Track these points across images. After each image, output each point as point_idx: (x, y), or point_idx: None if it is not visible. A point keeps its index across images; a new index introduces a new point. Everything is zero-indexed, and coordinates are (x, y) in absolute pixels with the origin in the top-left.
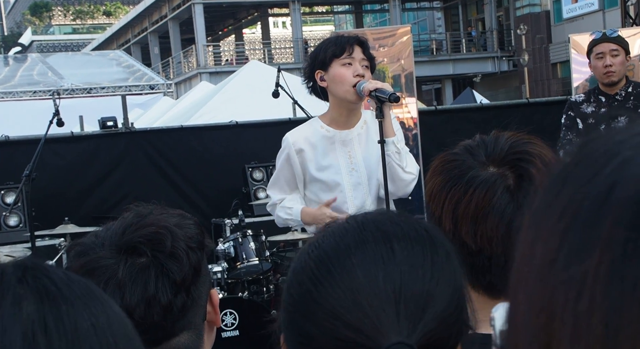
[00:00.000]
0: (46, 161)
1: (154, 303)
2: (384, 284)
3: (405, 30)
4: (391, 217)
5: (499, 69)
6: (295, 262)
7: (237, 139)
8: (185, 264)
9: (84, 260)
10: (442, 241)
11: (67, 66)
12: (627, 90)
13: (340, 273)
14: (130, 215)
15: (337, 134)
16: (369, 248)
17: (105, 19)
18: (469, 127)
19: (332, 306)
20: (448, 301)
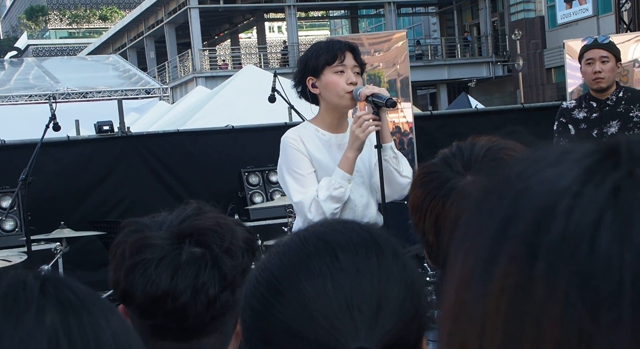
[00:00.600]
0: (42, 165)
1: (202, 292)
2: (334, 294)
3: (400, 36)
4: (332, 226)
5: (494, 74)
6: (246, 288)
7: (233, 143)
8: (239, 262)
9: (139, 236)
10: (386, 240)
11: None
12: (618, 95)
13: (289, 290)
14: (190, 207)
15: (332, 137)
16: (313, 261)
17: (101, 23)
18: (464, 132)
19: (287, 325)
20: (402, 300)
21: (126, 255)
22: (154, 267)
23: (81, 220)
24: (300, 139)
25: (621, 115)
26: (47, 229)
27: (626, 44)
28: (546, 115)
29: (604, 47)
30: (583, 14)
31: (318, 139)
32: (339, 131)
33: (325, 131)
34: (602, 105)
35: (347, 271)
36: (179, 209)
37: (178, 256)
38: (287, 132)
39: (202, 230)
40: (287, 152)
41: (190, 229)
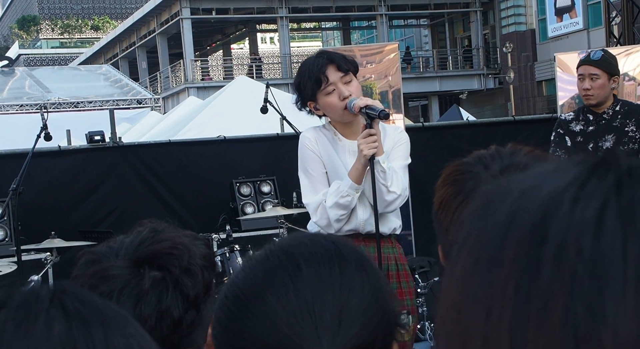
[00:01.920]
0: (33, 175)
1: (166, 316)
2: (296, 303)
3: (392, 47)
4: (298, 239)
5: (485, 86)
6: (216, 304)
7: (225, 154)
8: (199, 281)
9: (97, 268)
10: (351, 251)
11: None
12: (615, 108)
13: (254, 302)
14: (145, 229)
15: (348, 143)
16: (276, 272)
17: (93, 33)
18: (456, 144)
19: (253, 336)
20: (365, 307)
21: (86, 286)
22: (115, 299)
23: (72, 230)
24: (315, 140)
25: (617, 129)
26: (38, 239)
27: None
28: (537, 128)
29: (595, 64)
30: (574, 27)
31: (335, 142)
32: (353, 138)
33: (342, 136)
34: (599, 118)
35: (309, 281)
36: (135, 233)
37: (138, 284)
38: (305, 131)
39: (159, 254)
40: (302, 151)
41: (147, 254)
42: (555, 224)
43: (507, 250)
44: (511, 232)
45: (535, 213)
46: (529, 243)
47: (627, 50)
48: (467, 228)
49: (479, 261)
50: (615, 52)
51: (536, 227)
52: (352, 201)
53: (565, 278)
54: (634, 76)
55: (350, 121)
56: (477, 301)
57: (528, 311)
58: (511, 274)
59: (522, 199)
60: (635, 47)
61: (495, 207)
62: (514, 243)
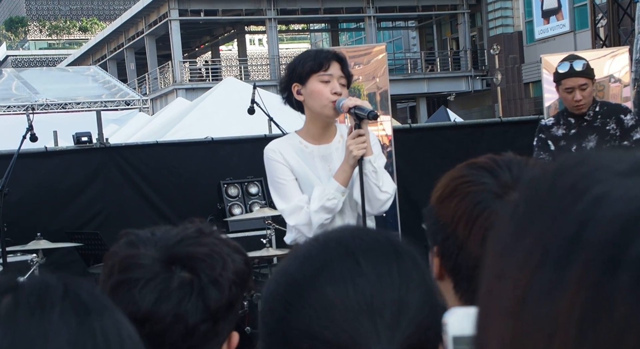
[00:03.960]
0: (19, 176)
1: (181, 321)
2: (355, 297)
3: (380, 49)
4: (352, 232)
5: (473, 88)
6: (265, 291)
7: (213, 155)
8: (224, 295)
9: (132, 252)
10: (405, 247)
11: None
12: (595, 109)
13: (310, 293)
14: (192, 227)
15: (315, 149)
16: (334, 265)
17: (81, 34)
18: (443, 145)
19: (308, 327)
20: (421, 305)
21: (115, 270)
22: (139, 288)
23: (58, 231)
24: (279, 151)
25: (598, 129)
26: (24, 241)
27: (602, 59)
28: (524, 129)
29: (582, 75)
30: (560, 29)
31: (301, 150)
32: (323, 142)
33: (309, 143)
34: (580, 121)
35: (368, 276)
36: (181, 227)
37: (165, 281)
38: (269, 144)
39: (193, 257)
40: (268, 163)
41: (182, 254)
42: (635, 248)
43: (573, 268)
44: (579, 247)
45: (611, 231)
46: (601, 265)
47: (612, 52)
48: (523, 219)
49: (538, 270)
50: (602, 54)
51: (610, 247)
52: (338, 204)
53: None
54: (620, 78)
55: (323, 121)
56: (539, 317)
57: (598, 341)
58: (578, 296)
59: (594, 208)
60: (620, 49)
61: (562, 209)
62: (583, 261)
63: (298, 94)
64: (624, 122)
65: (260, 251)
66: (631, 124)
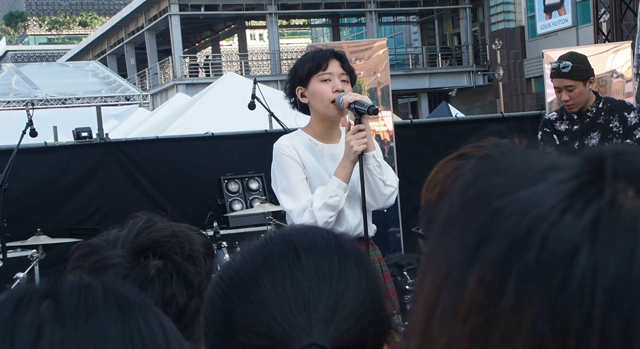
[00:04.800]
0: (19, 171)
1: (172, 304)
2: (292, 291)
3: (381, 44)
4: (299, 229)
5: (474, 83)
6: (210, 286)
7: (213, 150)
8: (202, 268)
9: (96, 258)
10: (351, 247)
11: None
12: (598, 106)
13: (249, 286)
14: (139, 221)
15: (325, 147)
16: (274, 259)
17: (81, 29)
18: (444, 141)
19: (244, 320)
20: (360, 303)
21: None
22: None
23: (58, 227)
24: (293, 146)
25: (601, 126)
26: (24, 236)
27: (604, 54)
28: (525, 124)
29: (567, 76)
30: (562, 24)
31: (311, 148)
32: (331, 141)
33: (318, 141)
34: (583, 117)
35: (307, 271)
36: (130, 224)
37: (142, 272)
38: (280, 139)
39: (159, 242)
40: (279, 159)
41: (147, 243)
42: (519, 267)
43: (467, 288)
44: (474, 265)
45: (500, 248)
46: (489, 285)
47: (615, 46)
48: (439, 234)
49: (442, 286)
50: (604, 49)
51: (499, 265)
52: (341, 201)
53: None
54: (622, 73)
55: (329, 121)
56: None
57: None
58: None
59: (491, 223)
60: (623, 44)
61: (466, 223)
62: (475, 281)
63: (302, 97)
64: (627, 120)
65: None
66: (634, 123)
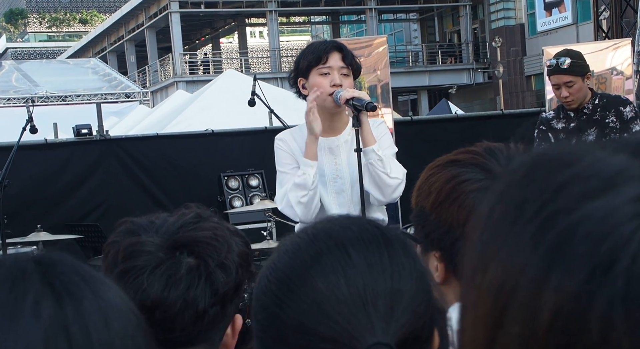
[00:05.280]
0: (19, 168)
1: (191, 306)
2: (347, 290)
3: (381, 41)
4: (341, 223)
5: (474, 80)
6: (256, 288)
7: (213, 147)
8: (232, 278)
9: (135, 240)
10: (395, 235)
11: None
12: (594, 102)
13: (302, 288)
14: (190, 213)
15: (323, 141)
16: (324, 258)
17: (81, 26)
18: (444, 138)
19: (301, 323)
20: (414, 293)
21: (119, 258)
22: (146, 274)
23: (58, 223)
24: (288, 140)
25: (598, 122)
26: (24, 233)
27: (604, 51)
28: (524, 121)
29: (566, 72)
30: (563, 21)
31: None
32: (331, 135)
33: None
34: (579, 114)
35: (360, 267)
36: (179, 214)
37: (173, 267)
38: (281, 134)
39: (198, 242)
40: (275, 153)
41: (186, 239)
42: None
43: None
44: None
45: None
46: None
47: (615, 44)
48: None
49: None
50: (604, 46)
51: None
52: (308, 178)
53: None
54: (622, 70)
55: (329, 114)
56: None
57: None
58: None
59: (565, 244)
60: (623, 41)
61: (528, 236)
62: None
63: (304, 89)
64: (623, 115)
65: (261, 243)
66: (630, 116)
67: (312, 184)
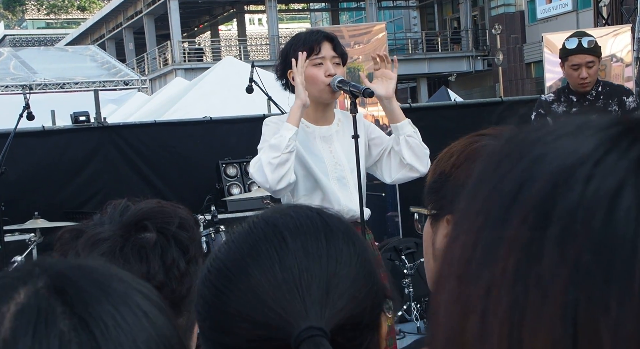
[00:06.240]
0: (16, 155)
1: (173, 268)
2: (282, 276)
3: (380, 27)
4: (282, 211)
5: (474, 68)
6: (198, 279)
7: (211, 134)
8: (192, 234)
9: (87, 236)
10: (337, 222)
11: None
12: (598, 89)
13: (238, 276)
14: (121, 202)
15: (316, 129)
16: (260, 245)
17: (79, 13)
18: (444, 125)
19: (238, 311)
20: (352, 278)
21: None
22: (117, 256)
23: (56, 211)
24: (275, 121)
25: (600, 109)
26: (21, 220)
27: (604, 38)
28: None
29: (590, 52)
30: (563, 9)
31: (302, 129)
32: (323, 124)
33: (309, 123)
34: (582, 99)
35: (295, 254)
36: (111, 206)
37: (137, 243)
38: (272, 117)
39: (149, 213)
40: (263, 129)
41: (137, 216)
42: (564, 203)
43: (509, 226)
44: (515, 206)
45: (543, 188)
46: (533, 221)
47: (615, 30)
48: (474, 188)
49: (482, 231)
50: (604, 33)
51: (543, 203)
52: (283, 140)
53: (568, 262)
54: (622, 57)
55: (322, 105)
56: (479, 276)
57: (526, 294)
58: (512, 253)
59: (532, 168)
60: (623, 28)
61: (505, 171)
62: (518, 219)
63: (294, 81)
64: (625, 104)
65: None
66: (633, 107)
67: (287, 148)
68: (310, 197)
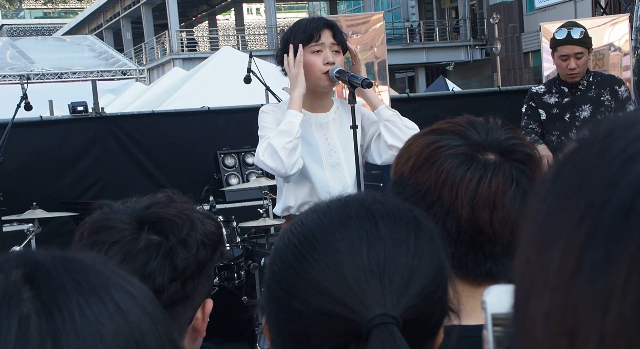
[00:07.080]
0: (14, 145)
1: (148, 281)
2: (367, 258)
3: (378, 17)
4: (375, 197)
5: (472, 57)
6: (278, 240)
7: (209, 125)
8: (192, 255)
9: (102, 216)
10: (424, 221)
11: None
12: (589, 79)
13: (324, 247)
14: (162, 195)
15: (313, 116)
16: (352, 224)
17: (77, 3)
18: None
19: (316, 280)
20: (431, 278)
21: (85, 234)
22: (105, 250)
23: (54, 201)
24: (272, 110)
25: (592, 99)
26: (19, 210)
27: (602, 27)
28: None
29: (578, 43)
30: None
31: None
32: (320, 111)
33: (306, 111)
34: (574, 90)
35: (384, 240)
36: (151, 195)
37: (132, 242)
38: (268, 104)
39: (161, 218)
40: (259, 119)
41: (151, 216)
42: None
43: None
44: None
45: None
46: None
47: (613, 19)
48: (568, 186)
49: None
50: (602, 22)
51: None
52: (294, 126)
53: None
54: (620, 46)
55: (319, 93)
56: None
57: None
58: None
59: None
60: (621, 17)
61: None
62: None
63: (288, 68)
64: (618, 94)
65: (257, 220)
66: (625, 96)
67: (297, 133)
68: (298, 187)
